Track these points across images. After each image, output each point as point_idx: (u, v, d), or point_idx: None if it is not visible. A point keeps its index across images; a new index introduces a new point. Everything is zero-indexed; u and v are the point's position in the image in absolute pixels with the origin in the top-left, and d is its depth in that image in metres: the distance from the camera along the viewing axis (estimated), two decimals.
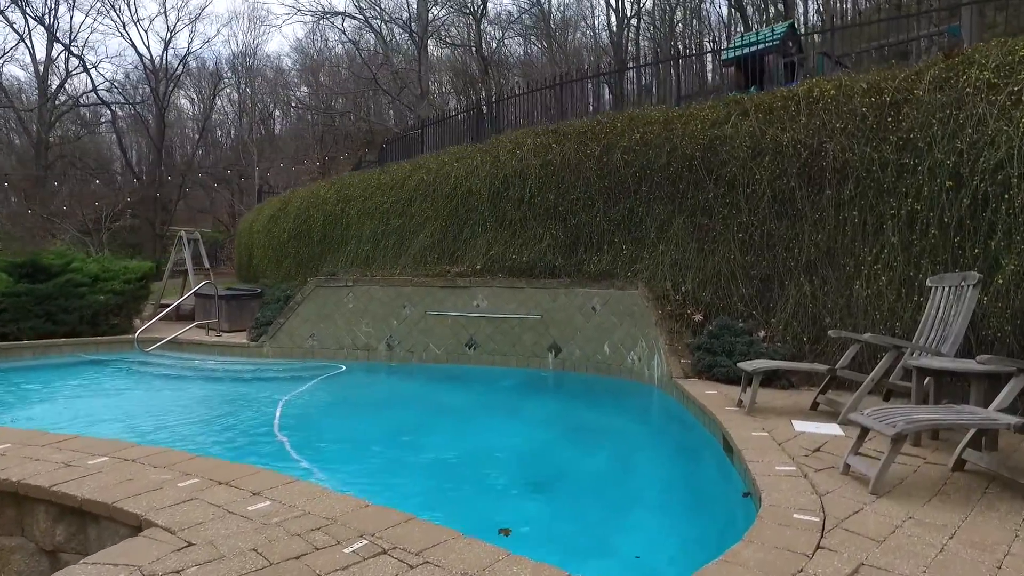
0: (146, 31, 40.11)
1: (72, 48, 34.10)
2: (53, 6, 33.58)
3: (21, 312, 10.57)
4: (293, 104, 40.46)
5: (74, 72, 35.16)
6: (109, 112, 35.84)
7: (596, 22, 37.73)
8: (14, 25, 34.14)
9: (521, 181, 9.76)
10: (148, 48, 38.13)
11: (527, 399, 8.10)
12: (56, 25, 33.90)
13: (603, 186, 8.91)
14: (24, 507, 3.62)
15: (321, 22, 28.35)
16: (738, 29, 26.63)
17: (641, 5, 31.50)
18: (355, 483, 4.87)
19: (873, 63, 10.72)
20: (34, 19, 33.17)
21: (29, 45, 34.75)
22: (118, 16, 34.06)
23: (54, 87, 35.16)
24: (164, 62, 33.69)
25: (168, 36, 34.36)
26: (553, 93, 12.63)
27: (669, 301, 7.86)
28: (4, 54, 35.73)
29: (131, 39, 45.72)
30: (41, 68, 34.88)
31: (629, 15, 32.10)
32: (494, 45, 35.11)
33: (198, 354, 10.84)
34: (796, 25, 11.66)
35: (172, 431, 6.30)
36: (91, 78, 34.57)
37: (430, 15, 26.33)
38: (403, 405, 7.95)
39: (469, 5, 30.19)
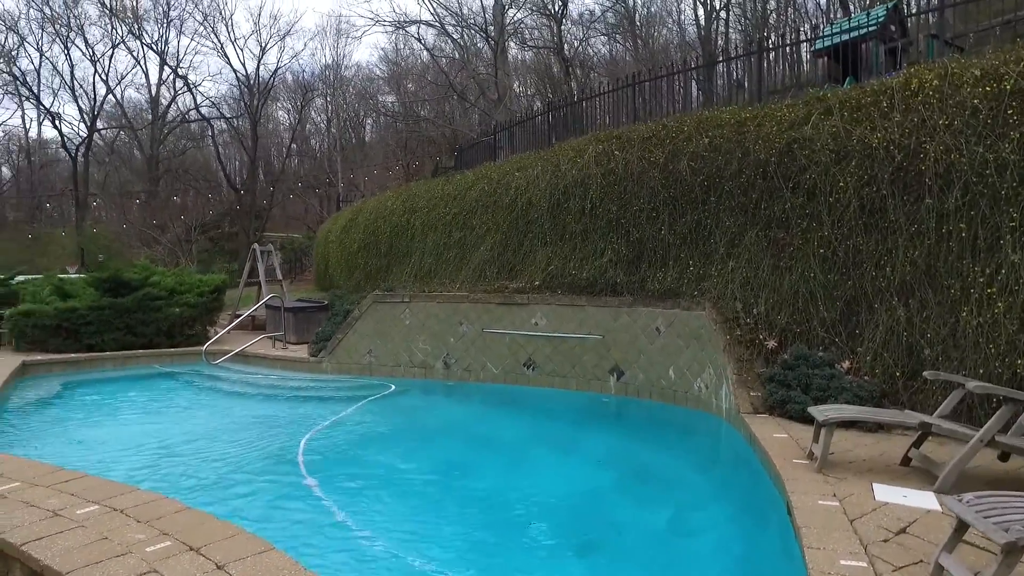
0: (241, 50, 42.11)
1: (178, 70, 36.34)
2: (163, 34, 36.03)
3: (104, 325, 11.05)
4: (380, 112, 41.41)
5: (180, 92, 37.45)
6: (210, 127, 37.97)
7: (683, 17, 36.21)
8: (133, 53, 36.94)
9: (582, 191, 9.16)
10: (243, 64, 40.02)
11: (585, 431, 7.47)
12: (166, 50, 36.33)
13: (668, 196, 8.17)
14: (5, 561, 3.45)
15: (402, 31, 28.64)
16: (837, 15, 24.66)
17: None
18: (380, 527, 4.51)
19: (997, 43, 9.34)
20: (150, 47, 35.64)
21: (144, 69, 37.46)
22: (217, 38, 36.00)
23: (163, 106, 37.67)
24: (257, 78, 35.28)
25: (260, 53, 35.99)
26: (631, 92, 11.87)
27: (739, 324, 7.02)
28: (122, 79, 38.72)
29: (227, 57, 48.16)
30: (153, 90, 37.51)
31: (718, 7, 30.56)
32: (576, 45, 34.44)
33: (261, 368, 10.94)
34: (901, 5, 10.32)
35: (204, 457, 6.17)
36: (194, 96, 36.58)
37: (508, 18, 26.06)
38: (450, 434, 7.54)
39: (549, 6, 29.69)
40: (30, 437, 7.00)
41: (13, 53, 35.47)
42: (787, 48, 17.38)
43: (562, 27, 31.03)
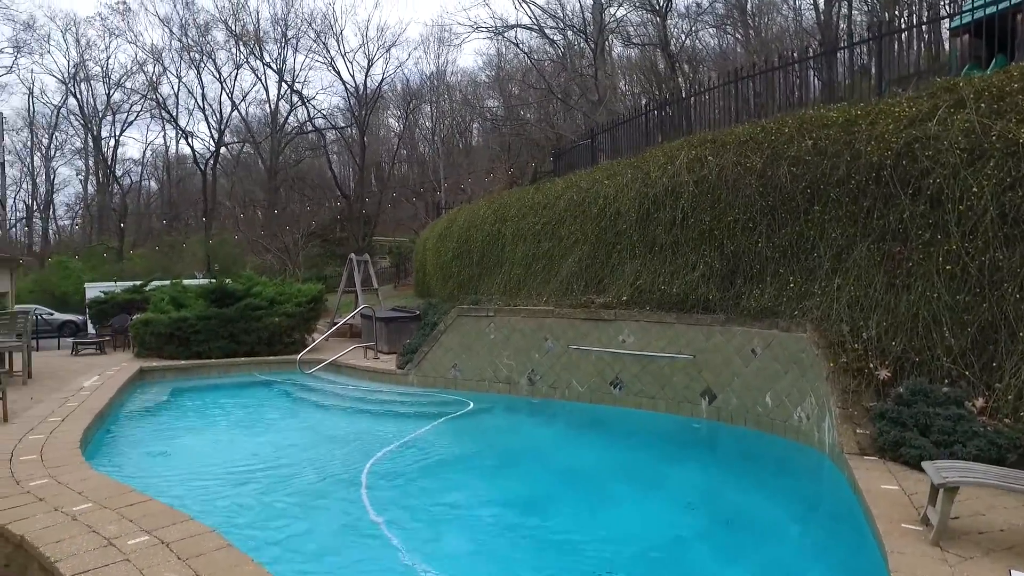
0: (351, 62, 44.05)
1: (294, 86, 38.56)
2: (281, 52, 38.37)
3: (211, 333, 11.70)
4: (484, 116, 41.88)
5: (296, 106, 39.71)
6: (322, 138, 40.01)
7: (799, 2, 33.89)
8: (256, 71, 39.67)
9: (673, 200, 8.56)
10: (352, 76, 41.79)
11: (674, 462, 6.86)
12: (283, 67, 38.68)
13: (766, 205, 7.43)
14: None
15: (502, 36, 28.72)
16: None
17: None
18: (441, 566, 4.26)
19: None
20: (268, 66, 38.12)
21: (264, 86, 40.08)
22: (328, 53, 37.83)
23: (281, 120, 40.11)
24: (365, 88, 36.72)
25: (367, 65, 37.44)
26: (734, 89, 11.04)
27: (845, 350, 6.20)
28: (245, 96, 41.67)
29: (338, 71, 50.34)
30: (273, 104, 40.02)
31: None
32: (683, 40, 33.12)
33: (350, 378, 11.15)
34: None
35: (275, 475, 6.22)
36: (307, 109, 38.75)
37: (608, 16, 25.42)
38: (529, 461, 7.12)
39: (653, 2, 28.71)
40: (132, 443, 7.42)
41: (156, 80, 39.14)
42: (919, 28, 15.63)
43: (667, 21, 29.90)
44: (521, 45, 30.20)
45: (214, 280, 14.71)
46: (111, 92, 40.22)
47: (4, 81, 49.71)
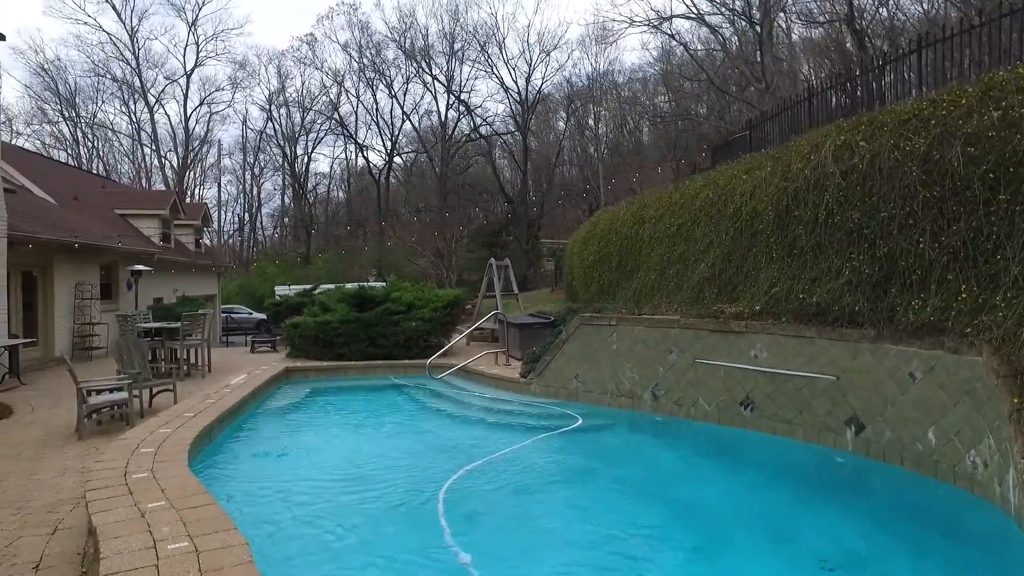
0: (513, 69, 44.89)
1: (460, 96, 40.26)
2: (448, 64, 40.29)
3: (351, 336, 12.31)
4: (653, 114, 40.60)
5: (462, 115, 41.44)
6: (487, 144, 41.31)
7: None
8: (427, 85, 42.10)
9: (816, 195, 7.36)
10: (515, 82, 42.58)
11: (810, 505, 5.76)
12: (451, 79, 40.57)
13: (930, 197, 6.05)
14: None
15: (657, 29, 27.52)
16: None
17: None
18: None
19: None
20: (435, 79, 40.24)
21: (434, 96, 42.36)
22: (491, 61, 39.01)
23: (450, 129, 42.10)
24: (526, 94, 37.24)
25: (529, 70, 37.94)
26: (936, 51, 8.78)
27: None
28: (416, 107, 44.33)
29: (500, 78, 51.54)
30: (442, 115, 42.16)
31: None
32: (874, 10, 29.40)
33: (476, 385, 11.08)
34: None
35: (379, 480, 6.21)
36: (472, 118, 40.30)
37: None
38: (642, 491, 6.28)
39: None
40: (260, 439, 7.89)
41: (337, 101, 43.09)
42: None
43: None
44: (685, 36, 28.70)
45: (384, 284, 15.72)
46: (304, 115, 44.95)
47: (226, 113, 57.71)
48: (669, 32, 27.06)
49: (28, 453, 7.11)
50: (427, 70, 40.05)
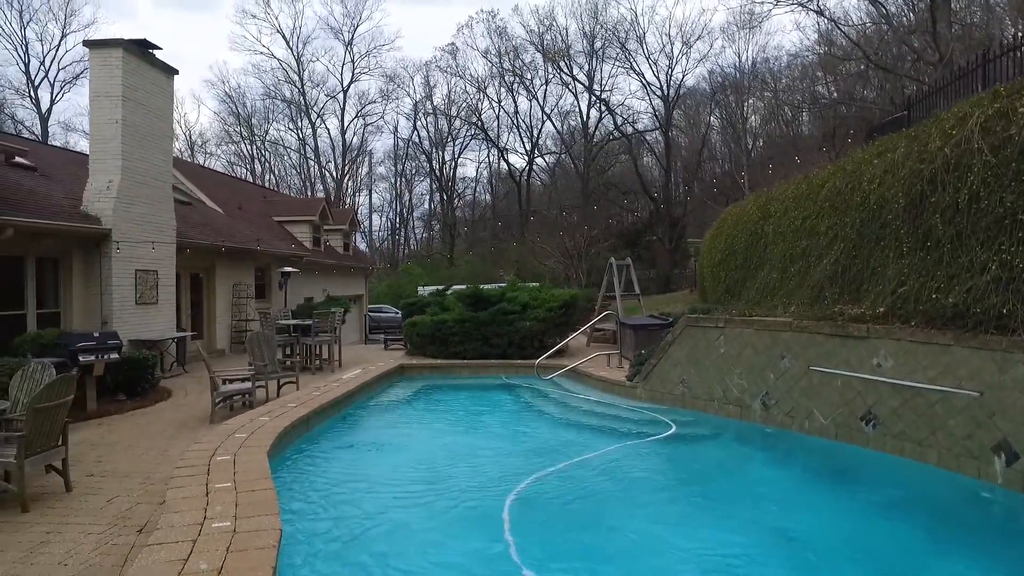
0: (654, 64, 43.26)
1: (601, 95, 39.79)
2: (589, 63, 40.01)
3: (466, 335, 12.53)
4: (801, 101, 37.55)
5: (603, 115, 40.94)
6: (628, 142, 40.44)
7: None
8: (568, 85, 42.16)
9: (956, 178, 6.29)
10: (657, 78, 41.03)
11: (948, 550, 4.74)
12: (592, 77, 40.27)
13: None
14: None
15: (804, 7, 25.22)
16: None
17: None
18: None
19: None
20: (574, 79, 40.16)
21: (575, 95, 42.31)
22: (631, 59, 38.16)
23: (591, 128, 41.80)
24: (667, 89, 35.97)
25: (670, 64, 36.59)
26: None
27: None
28: (555, 107, 44.47)
29: (641, 74, 50.24)
30: (583, 115, 42.01)
31: None
32: None
33: (585, 387, 10.78)
34: None
35: (445, 484, 6.14)
36: (613, 117, 39.65)
37: None
38: (734, 510, 5.57)
39: None
40: (358, 431, 8.24)
41: (478, 107, 44.47)
42: None
43: None
44: (825, 14, 25.98)
45: (523, 283, 15.95)
46: (450, 122, 46.90)
47: (379, 124, 61.91)
48: (816, 8, 24.73)
49: (169, 432, 7.97)
50: (567, 71, 40.17)
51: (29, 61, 43.96)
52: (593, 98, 40.51)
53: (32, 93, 44.35)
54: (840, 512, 5.60)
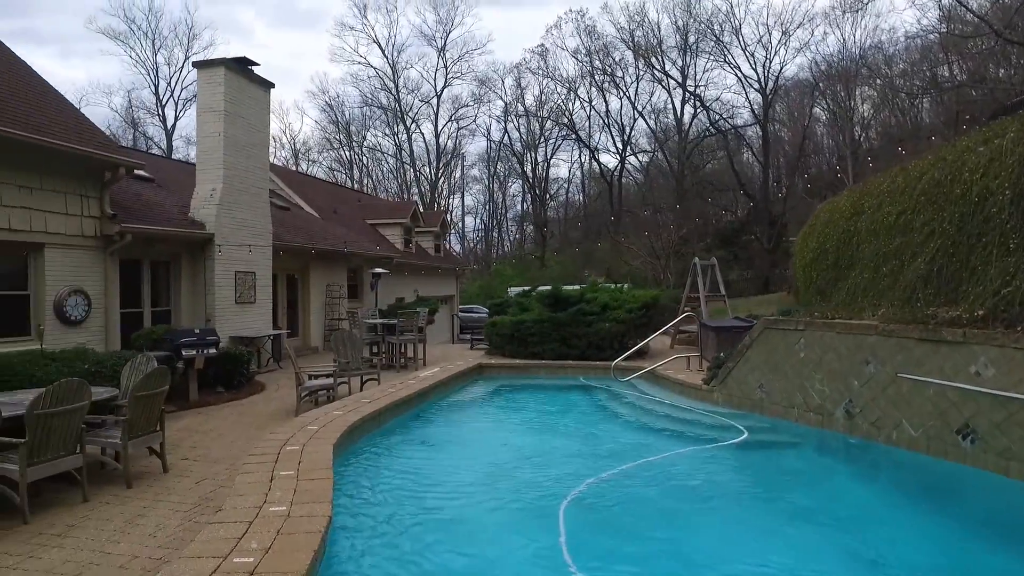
0: (751, 56, 41.13)
1: (696, 91, 38.64)
2: (683, 58, 38.96)
3: (545, 336, 12.55)
4: (925, 87, 34.73)
5: (698, 111, 39.72)
6: (724, 138, 38.99)
7: None
8: (660, 82, 41.23)
9: None
10: (754, 70, 39.10)
11: None
12: (686, 73, 39.18)
13: None
14: None
15: None
16: None
17: None
18: None
19: None
20: (667, 74, 39.20)
21: (668, 91, 41.28)
22: (727, 52, 36.72)
23: (686, 125, 40.66)
24: (764, 82, 34.37)
25: (768, 56, 34.93)
26: None
27: None
28: (648, 104, 43.55)
29: (738, 67, 48.18)
30: (677, 111, 40.92)
31: None
32: None
33: (661, 389, 10.53)
34: None
35: (508, 483, 6.14)
36: (708, 113, 38.34)
37: None
38: (810, 527, 5.21)
39: None
40: (430, 428, 8.46)
41: (568, 107, 44.32)
42: None
43: None
44: None
45: (615, 284, 15.80)
46: (542, 123, 47.07)
47: (472, 127, 63.02)
48: None
49: (259, 422, 8.53)
50: (659, 67, 39.30)
51: (158, 83, 48.43)
52: (687, 94, 39.46)
53: (160, 112, 48.77)
54: (931, 536, 5.09)
